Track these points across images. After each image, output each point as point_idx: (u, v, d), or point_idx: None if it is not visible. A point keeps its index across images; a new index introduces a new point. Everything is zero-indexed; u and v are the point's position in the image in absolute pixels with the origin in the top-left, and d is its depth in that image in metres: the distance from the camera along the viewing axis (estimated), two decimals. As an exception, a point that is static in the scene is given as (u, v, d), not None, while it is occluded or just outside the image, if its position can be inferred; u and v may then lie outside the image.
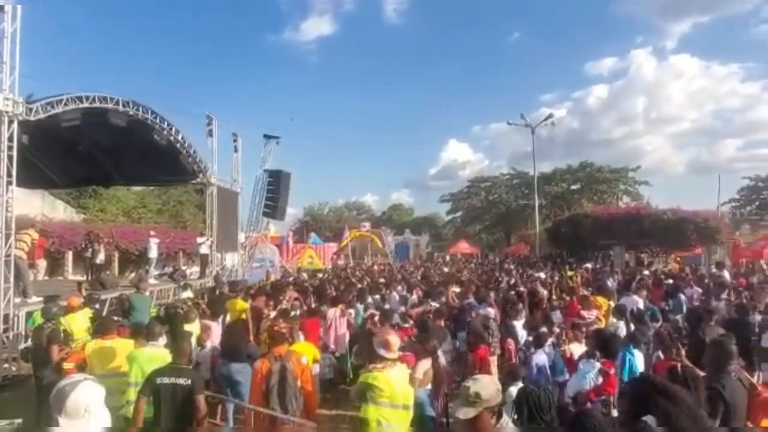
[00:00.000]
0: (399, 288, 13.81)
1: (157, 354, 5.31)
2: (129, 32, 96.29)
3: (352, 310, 10.02)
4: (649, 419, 2.93)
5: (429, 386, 5.68)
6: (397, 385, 4.68)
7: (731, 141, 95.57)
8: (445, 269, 22.48)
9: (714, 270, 15.64)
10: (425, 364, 5.79)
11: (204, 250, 19.08)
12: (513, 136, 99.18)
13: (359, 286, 13.59)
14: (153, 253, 18.18)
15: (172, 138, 16.24)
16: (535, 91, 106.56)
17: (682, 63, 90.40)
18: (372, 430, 4.56)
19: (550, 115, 34.47)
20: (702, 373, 4.35)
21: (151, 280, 16.90)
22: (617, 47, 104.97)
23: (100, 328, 6.40)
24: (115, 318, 8.10)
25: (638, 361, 5.96)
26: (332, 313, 9.31)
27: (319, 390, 5.88)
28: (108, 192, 32.16)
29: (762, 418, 3.92)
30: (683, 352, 5.39)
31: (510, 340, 7.83)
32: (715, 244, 26.61)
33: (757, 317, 7.92)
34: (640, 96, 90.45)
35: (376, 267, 26.64)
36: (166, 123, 15.82)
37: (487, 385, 3.11)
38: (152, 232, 19.39)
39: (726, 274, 14.93)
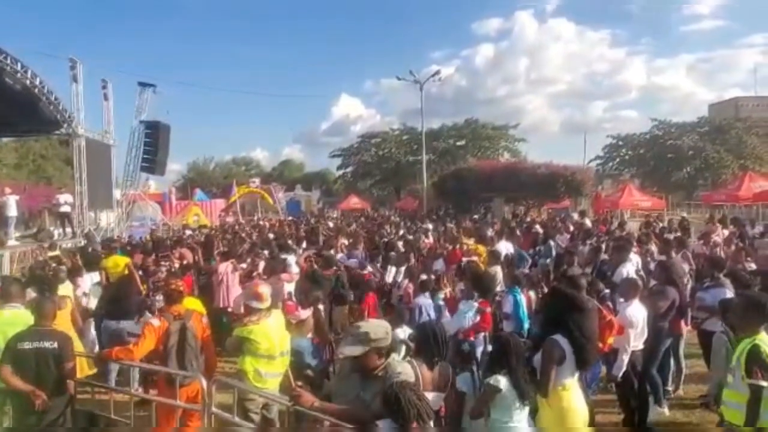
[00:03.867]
0: (289, 242, 13.65)
1: (16, 316, 4.84)
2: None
3: (243, 265, 9.65)
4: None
5: (310, 335, 5.77)
6: (273, 334, 4.76)
7: (599, 103, 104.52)
8: (330, 224, 22.43)
9: (577, 218, 17.23)
10: (305, 313, 5.88)
11: (65, 208, 17.25)
12: (404, 92, 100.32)
13: (248, 241, 13.28)
14: (12, 212, 16.28)
15: (28, 82, 14.49)
16: (425, 48, 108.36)
17: (560, 27, 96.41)
18: (250, 380, 4.64)
19: (437, 72, 35.16)
20: None
21: (12, 242, 15.36)
22: (502, 8, 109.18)
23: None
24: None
25: (524, 299, 6.53)
26: (223, 267, 8.87)
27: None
28: (-49, 144, 28.36)
29: (608, 335, 5.06)
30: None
31: (410, 284, 8.07)
32: (581, 196, 29.41)
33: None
34: (523, 57, 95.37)
35: (262, 222, 26.02)
36: (20, 65, 14.05)
37: (376, 326, 3.21)
38: (8, 189, 17.32)
39: (587, 222, 16.47)
